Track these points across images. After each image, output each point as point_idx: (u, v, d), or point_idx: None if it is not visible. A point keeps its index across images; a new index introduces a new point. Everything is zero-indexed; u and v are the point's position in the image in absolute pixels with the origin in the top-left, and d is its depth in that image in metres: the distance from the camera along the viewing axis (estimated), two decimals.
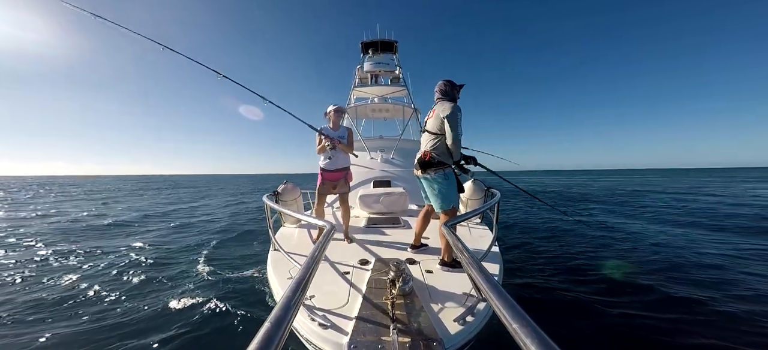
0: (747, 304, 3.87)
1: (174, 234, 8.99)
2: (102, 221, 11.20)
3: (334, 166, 3.50)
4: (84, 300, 4.31)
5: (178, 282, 4.92)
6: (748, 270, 5.06)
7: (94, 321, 3.69)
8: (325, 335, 1.60)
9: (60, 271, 5.46)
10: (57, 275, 5.23)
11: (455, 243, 1.66)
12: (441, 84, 2.76)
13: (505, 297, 0.94)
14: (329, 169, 3.49)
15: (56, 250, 6.89)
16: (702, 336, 3.26)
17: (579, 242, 7.15)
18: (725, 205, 13.34)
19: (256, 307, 3.98)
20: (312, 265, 1.39)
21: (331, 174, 3.50)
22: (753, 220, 9.49)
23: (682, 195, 18.28)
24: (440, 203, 2.65)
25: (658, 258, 5.81)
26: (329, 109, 3.51)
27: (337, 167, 3.51)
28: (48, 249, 6.94)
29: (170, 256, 6.47)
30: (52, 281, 4.98)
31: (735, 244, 6.73)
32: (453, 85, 2.76)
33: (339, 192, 3.54)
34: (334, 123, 3.50)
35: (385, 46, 10.39)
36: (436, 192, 2.67)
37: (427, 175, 2.69)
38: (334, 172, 3.51)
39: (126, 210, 14.55)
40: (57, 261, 6.16)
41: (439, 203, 2.66)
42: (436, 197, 2.67)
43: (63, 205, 17.06)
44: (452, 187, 2.67)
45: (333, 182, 3.52)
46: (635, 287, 4.43)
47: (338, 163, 3.51)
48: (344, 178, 3.58)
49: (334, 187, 3.53)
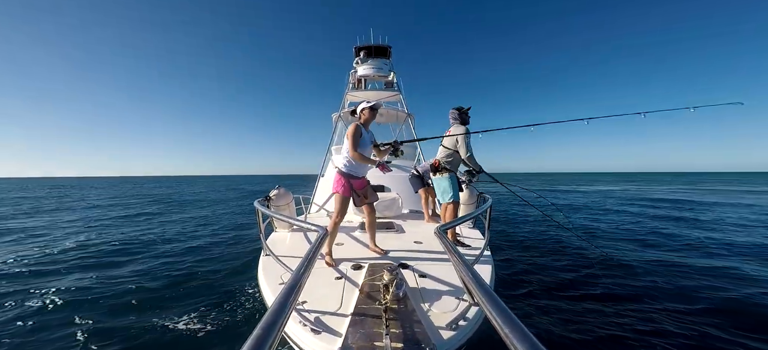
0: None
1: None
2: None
3: (362, 171, 2.98)
4: (82, 299, 4.19)
5: (167, 289, 4.82)
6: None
7: (89, 331, 3.59)
8: (318, 340, 1.58)
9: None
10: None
11: (448, 247, 1.67)
12: (452, 111, 3.59)
13: (496, 302, 0.94)
14: (357, 175, 2.94)
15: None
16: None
17: (574, 248, 7.24)
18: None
19: (246, 313, 3.93)
20: (304, 270, 1.38)
21: (358, 181, 2.95)
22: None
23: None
24: (443, 196, 3.58)
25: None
26: (362, 106, 2.94)
27: (363, 173, 3.01)
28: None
29: (153, 259, 6.34)
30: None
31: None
32: (460, 110, 3.54)
33: (371, 202, 3.03)
34: (366, 122, 2.96)
35: (379, 50, 10.42)
36: (441, 189, 3.60)
37: (436, 177, 3.63)
38: (361, 179, 3.00)
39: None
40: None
41: (444, 197, 3.57)
42: (442, 193, 3.59)
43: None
44: (453, 186, 3.53)
45: (361, 191, 2.98)
46: (630, 295, 4.50)
47: (363, 168, 2.98)
48: (369, 185, 3.10)
49: (366, 197, 3.00)
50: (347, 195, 2.87)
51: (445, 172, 3.56)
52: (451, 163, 3.54)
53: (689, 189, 30.50)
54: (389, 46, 10.54)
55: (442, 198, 3.62)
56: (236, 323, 3.71)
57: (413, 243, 3.32)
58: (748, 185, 37.89)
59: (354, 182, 2.90)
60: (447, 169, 3.55)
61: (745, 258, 6.23)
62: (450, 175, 3.54)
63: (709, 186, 34.74)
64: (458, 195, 3.59)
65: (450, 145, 3.54)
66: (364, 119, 2.94)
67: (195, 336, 3.46)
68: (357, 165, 2.89)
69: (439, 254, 2.88)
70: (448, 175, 3.53)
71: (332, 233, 2.79)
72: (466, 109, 3.57)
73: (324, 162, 6.73)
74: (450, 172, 3.55)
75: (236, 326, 3.65)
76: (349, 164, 2.89)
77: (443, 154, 3.59)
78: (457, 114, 3.55)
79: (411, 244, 3.26)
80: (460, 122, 3.53)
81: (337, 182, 2.88)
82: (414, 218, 4.87)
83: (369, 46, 10.30)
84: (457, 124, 3.53)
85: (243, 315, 3.89)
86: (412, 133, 7.83)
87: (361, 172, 2.95)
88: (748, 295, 4.35)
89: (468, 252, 3.20)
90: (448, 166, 3.55)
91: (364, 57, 10.26)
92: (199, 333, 3.51)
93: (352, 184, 2.89)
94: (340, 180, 2.87)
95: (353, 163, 2.88)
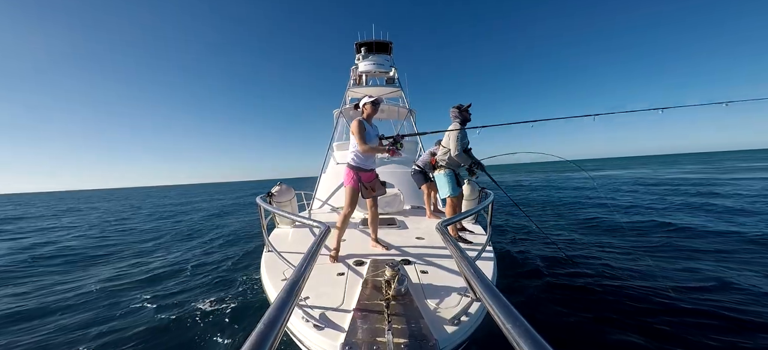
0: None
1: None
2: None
3: (370, 164, 3.00)
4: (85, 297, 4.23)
5: (170, 284, 4.86)
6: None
7: (93, 324, 3.63)
8: (320, 336, 1.59)
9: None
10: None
11: (449, 243, 1.67)
12: (452, 109, 3.63)
13: (498, 298, 0.94)
14: (366, 168, 2.96)
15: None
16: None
17: (578, 241, 7.21)
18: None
19: (249, 309, 3.95)
20: (306, 266, 1.39)
21: (367, 173, 2.98)
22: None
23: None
24: (441, 191, 3.76)
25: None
26: (364, 101, 2.98)
27: (372, 165, 3.04)
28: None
29: (160, 257, 6.39)
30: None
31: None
32: (460, 108, 3.58)
33: (377, 195, 3.04)
34: (369, 117, 2.99)
35: (380, 46, 10.36)
36: (438, 185, 3.80)
37: (435, 173, 3.85)
38: (370, 172, 3.02)
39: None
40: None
41: (441, 191, 3.76)
42: (440, 189, 3.79)
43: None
44: (449, 182, 3.67)
45: (369, 183, 2.99)
46: (634, 293, 4.47)
47: (371, 161, 3.02)
48: (378, 179, 3.11)
49: (374, 189, 3.01)
50: (356, 188, 2.92)
51: (441, 168, 3.73)
52: (446, 159, 3.66)
53: (705, 169, 28.25)
54: (390, 42, 10.48)
55: (440, 193, 3.80)
56: (239, 318, 3.73)
57: (415, 238, 3.33)
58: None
59: (362, 175, 2.95)
60: (442, 166, 3.71)
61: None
62: (446, 172, 3.68)
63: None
64: (455, 191, 3.66)
65: (445, 142, 3.65)
66: (366, 114, 2.99)
67: (199, 332, 3.49)
68: (365, 157, 2.94)
69: (441, 250, 2.89)
70: (445, 172, 3.69)
71: (342, 226, 2.83)
72: (465, 106, 3.58)
73: (325, 158, 6.73)
74: (446, 169, 3.69)
75: (239, 321, 3.68)
76: (356, 157, 2.94)
77: (440, 151, 3.74)
78: (456, 111, 3.59)
79: (413, 240, 3.27)
80: (459, 120, 3.57)
81: (347, 175, 2.95)
82: (416, 214, 4.87)
83: (370, 41, 10.24)
84: (457, 121, 3.58)
85: (246, 311, 3.92)
86: (414, 128, 7.81)
87: (369, 165, 3.00)
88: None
89: (470, 247, 3.21)
90: (442, 163, 3.70)
91: (366, 53, 10.21)
92: (202, 329, 3.54)
93: (360, 177, 2.94)
94: (349, 173, 2.94)
95: (361, 156, 2.93)
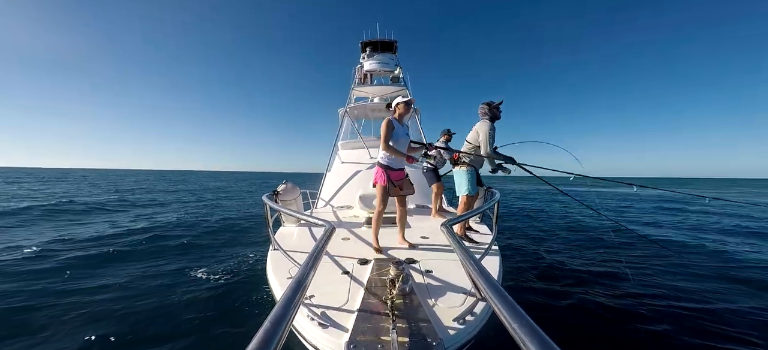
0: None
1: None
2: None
3: (399, 164, 3.08)
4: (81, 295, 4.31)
5: (175, 280, 4.91)
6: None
7: (87, 322, 3.69)
8: (325, 334, 1.59)
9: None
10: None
11: (454, 242, 1.66)
12: (482, 105, 3.51)
13: (504, 297, 0.94)
14: (394, 167, 3.04)
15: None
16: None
17: (588, 244, 7.13)
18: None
19: (255, 307, 3.98)
20: (312, 265, 1.39)
21: (396, 172, 3.05)
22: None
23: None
24: (458, 189, 3.69)
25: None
26: (398, 101, 3.05)
27: (402, 165, 3.12)
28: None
29: (162, 252, 6.46)
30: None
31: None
32: (490, 105, 3.46)
33: (405, 194, 3.12)
34: (401, 116, 3.06)
35: (385, 45, 10.36)
36: (456, 181, 3.69)
37: (455, 169, 3.71)
38: (400, 171, 3.10)
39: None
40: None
41: (458, 190, 3.67)
42: (457, 186, 3.68)
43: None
44: (470, 181, 3.57)
45: (398, 182, 3.07)
46: (642, 294, 4.41)
47: (399, 161, 3.09)
48: (407, 178, 3.19)
49: (402, 188, 3.08)
50: (386, 186, 3.00)
51: (463, 165, 3.58)
52: (471, 157, 3.54)
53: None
54: (395, 41, 10.46)
55: (457, 190, 3.70)
56: (245, 316, 3.76)
57: (420, 238, 3.32)
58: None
59: (392, 173, 3.03)
60: (465, 163, 3.58)
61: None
62: (468, 170, 3.55)
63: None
64: (474, 190, 3.58)
65: (472, 139, 3.52)
66: (398, 113, 3.06)
67: (202, 329, 3.51)
68: (394, 157, 3.02)
69: (446, 249, 2.88)
70: (466, 169, 3.56)
71: (376, 222, 2.98)
72: (497, 103, 3.45)
73: (330, 157, 6.74)
74: (468, 167, 3.56)
75: (245, 319, 3.70)
76: (386, 157, 3.01)
77: (465, 147, 3.62)
78: (486, 108, 3.45)
79: (418, 239, 3.26)
80: (489, 118, 3.44)
81: (377, 173, 3.05)
82: (421, 213, 4.85)
83: (375, 40, 10.24)
84: (486, 118, 3.44)
85: (251, 309, 3.95)
86: (418, 127, 7.80)
87: (397, 164, 3.07)
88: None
89: (475, 247, 3.20)
90: (466, 160, 3.57)
91: (371, 52, 10.21)
92: (206, 327, 3.56)
93: (389, 175, 3.01)
94: (379, 171, 3.03)
95: (391, 156, 3.00)
